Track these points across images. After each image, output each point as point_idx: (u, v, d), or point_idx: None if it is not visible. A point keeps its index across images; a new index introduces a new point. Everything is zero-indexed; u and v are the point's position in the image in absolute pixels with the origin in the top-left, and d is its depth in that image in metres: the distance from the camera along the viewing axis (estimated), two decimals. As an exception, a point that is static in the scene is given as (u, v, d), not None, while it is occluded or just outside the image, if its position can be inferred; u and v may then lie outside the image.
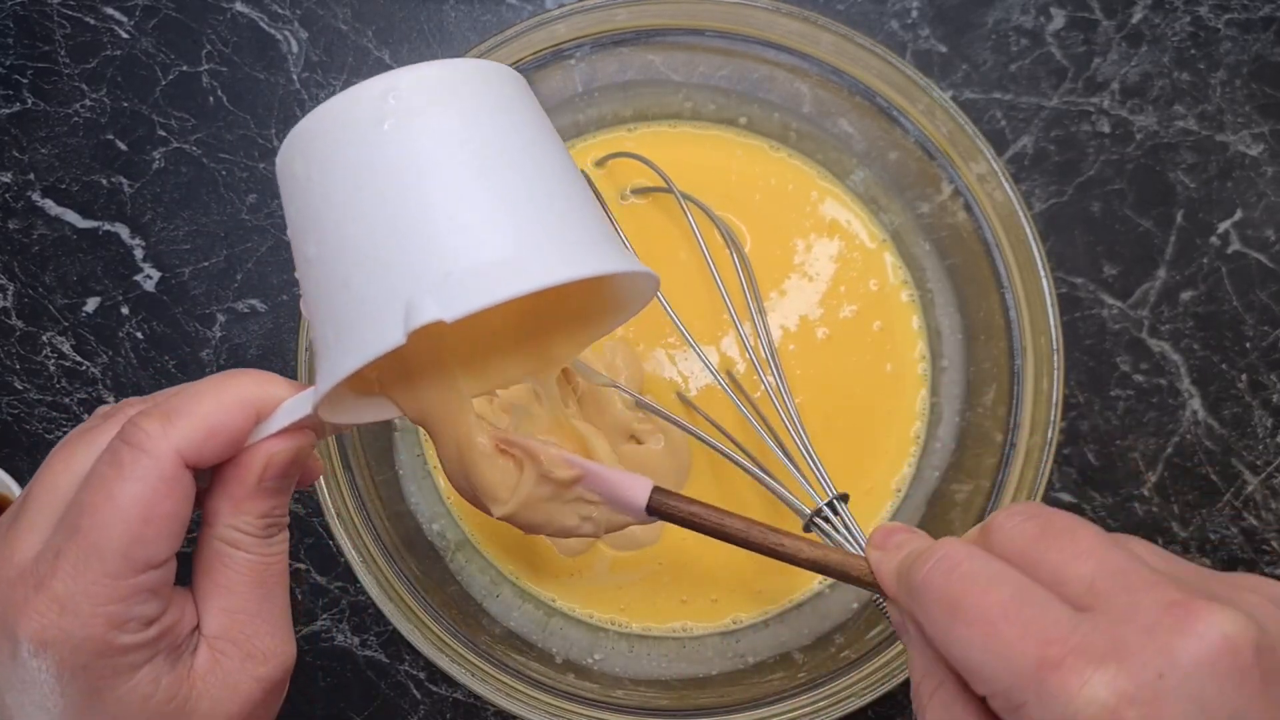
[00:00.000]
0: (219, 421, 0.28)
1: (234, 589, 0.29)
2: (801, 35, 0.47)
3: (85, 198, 0.57)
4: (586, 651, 0.49)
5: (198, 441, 0.27)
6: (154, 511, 0.27)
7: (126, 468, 0.27)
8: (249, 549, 0.29)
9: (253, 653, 0.29)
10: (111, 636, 0.26)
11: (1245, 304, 0.56)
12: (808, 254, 0.52)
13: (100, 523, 0.26)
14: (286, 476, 0.30)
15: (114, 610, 0.26)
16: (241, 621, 0.29)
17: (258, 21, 0.57)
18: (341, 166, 0.26)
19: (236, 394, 0.28)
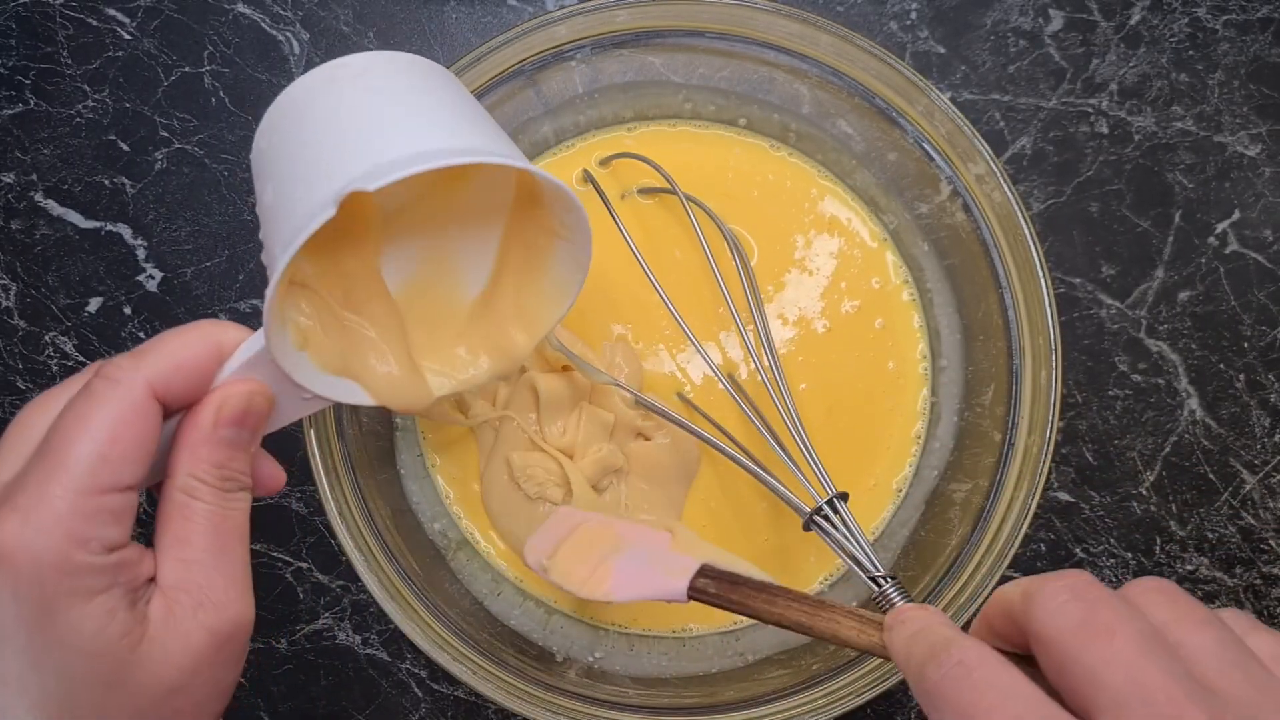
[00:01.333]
0: (184, 356, 0.30)
1: (190, 539, 0.30)
2: (801, 37, 0.47)
3: (88, 198, 0.57)
4: (587, 650, 0.49)
5: (165, 373, 0.29)
6: (122, 432, 0.28)
7: (98, 395, 0.28)
8: (205, 498, 0.30)
9: (204, 602, 0.29)
10: (70, 551, 0.27)
11: (1243, 304, 0.56)
12: (808, 249, 0.52)
13: (69, 439, 0.27)
14: (242, 426, 0.31)
15: (75, 525, 0.27)
16: (195, 571, 0.29)
17: (259, 23, 0.58)
18: (294, 120, 0.32)
19: (199, 333, 0.31)
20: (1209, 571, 0.55)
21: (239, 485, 0.31)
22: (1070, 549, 0.55)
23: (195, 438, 0.30)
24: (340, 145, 0.30)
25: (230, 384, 0.31)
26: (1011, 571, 0.54)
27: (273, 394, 0.32)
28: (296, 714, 0.54)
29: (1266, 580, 0.55)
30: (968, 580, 0.44)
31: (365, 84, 0.32)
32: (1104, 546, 0.55)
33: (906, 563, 0.49)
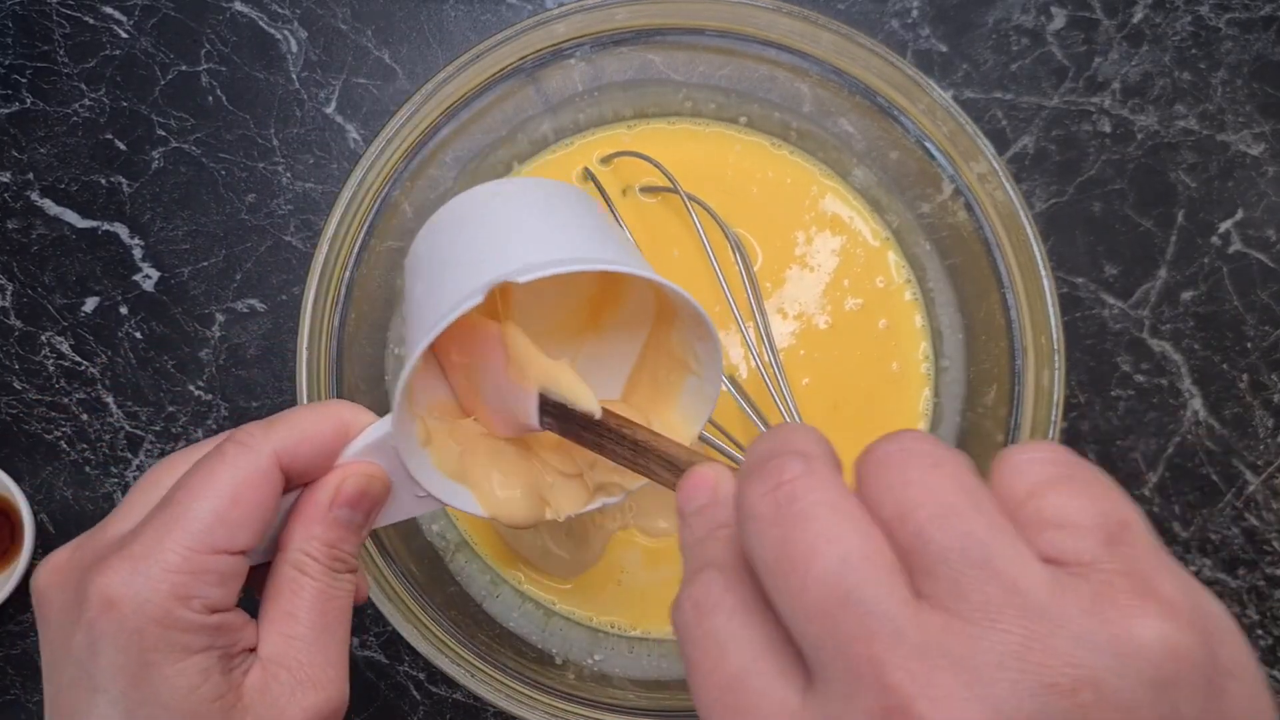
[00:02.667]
0: (312, 430, 0.31)
1: (296, 614, 0.30)
2: (802, 35, 0.47)
3: (84, 197, 0.57)
4: (586, 652, 0.49)
5: (292, 444, 0.30)
6: (243, 495, 0.28)
7: (227, 457, 0.29)
8: (315, 575, 0.30)
9: (304, 680, 0.29)
10: (173, 606, 0.27)
11: (1246, 304, 0.55)
12: (809, 247, 0.52)
13: (192, 496, 0.28)
14: (357, 508, 0.31)
15: (183, 581, 0.27)
16: (297, 648, 0.30)
17: (257, 21, 0.57)
18: (452, 226, 0.34)
19: (328, 410, 0.32)
20: (1212, 573, 0.54)
21: (347, 567, 0.31)
22: (1072, 550, 0.55)
23: (311, 514, 0.31)
24: (494, 247, 0.32)
25: (350, 465, 0.32)
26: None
27: (390, 481, 0.33)
28: (294, 716, 0.54)
29: (1270, 582, 0.54)
30: (970, 582, 0.44)
31: (522, 201, 0.34)
32: (1106, 548, 0.55)
33: (908, 564, 0.49)
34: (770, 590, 0.20)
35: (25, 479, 0.56)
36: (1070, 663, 0.17)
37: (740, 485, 0.21)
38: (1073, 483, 0.20)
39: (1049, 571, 0.19)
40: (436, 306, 0.30)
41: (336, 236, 0.45)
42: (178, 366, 0.56)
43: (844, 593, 0.19)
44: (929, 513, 0.19)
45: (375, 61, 0.57)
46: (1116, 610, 0.18)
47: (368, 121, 0.57)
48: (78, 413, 0.56)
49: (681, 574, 0.24)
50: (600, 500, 0.36)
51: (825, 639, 0.19)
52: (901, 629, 0.18)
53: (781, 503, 0.20)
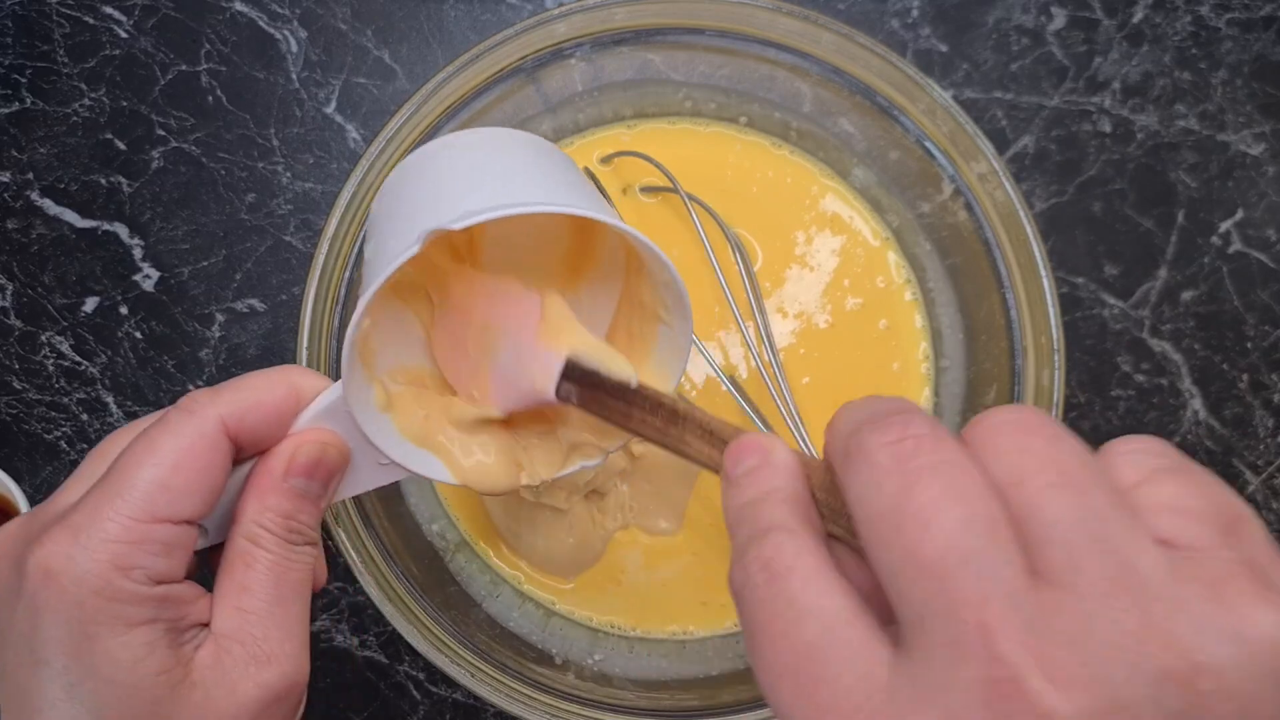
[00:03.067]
0: (263, 396, 0.30)
1: (249, 587, 0.29)
2: (802, 34, 0.46)
3: (84, 197, 0.57)
4: (586, 652, 0.49)
5: (241, 410, 0.29)
6: (186, 462, 0.27)
7: (170, 424, 0.28)
8: (269, 547, 0.29)
9: (258, 655, 0.28)
10: (114, 576, 0.26)
11: (1246, 304, 0.55)
12: (809, 246, 0.52)
13: (133, 464, 0.27)
14: (313, 477, 0.30)
15: (121, 550, 0.26)
16: (252, 622, 0.29)
17: (257, 21, 0.57)
18: (401, 182, 0.33)
19: (280, 376, 0.30)
20: (1212, 573, 0.55)
21: (305, 539, 0.30)
22: (1073, 550, 0.55)
23: (264, 484, 0.30)
24: (435, 198, 0.31)
25: (304, 433, 0.30)
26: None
27: (348, 449, 0.31)
28: (294, 716, 0.54)
29: (1270, 582, 0.54)
30: (970, 582, 0.44)
31: (472, 151, 0.33)
32: (1107, 548, 0.55)
33: (908, 564, 0.49)
34: (874, 542, 0.19)
35: (25, 479, 0.56)
36: (1189, 649, 0.17)
37: (859, 434, 0.20)
38: (1184, 474, 0.20)
39: (1166, 554, 0.18)
40: (378, 265, 0.29)
41: (336, 236, 0.45)
42: (178, 366, 0.56)
43: (963, 554, 0.18)
44: (1047, 480, 0.19)
45: (375, 61, 0.57)
46: (1237, 599, 0.17)
47: (368, 121, 0.57)
48: (78, 412, 0.56)
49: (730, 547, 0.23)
50: (578, 463, 0.34)
51: (934, 601, 0.18)
52: (1018, 599, 0.17)
53: (904, 456, 0.19)
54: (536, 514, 0.49)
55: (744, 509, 0.23)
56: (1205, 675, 0.17)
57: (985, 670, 0.17)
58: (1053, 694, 0.16)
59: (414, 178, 0.33)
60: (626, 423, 0.30)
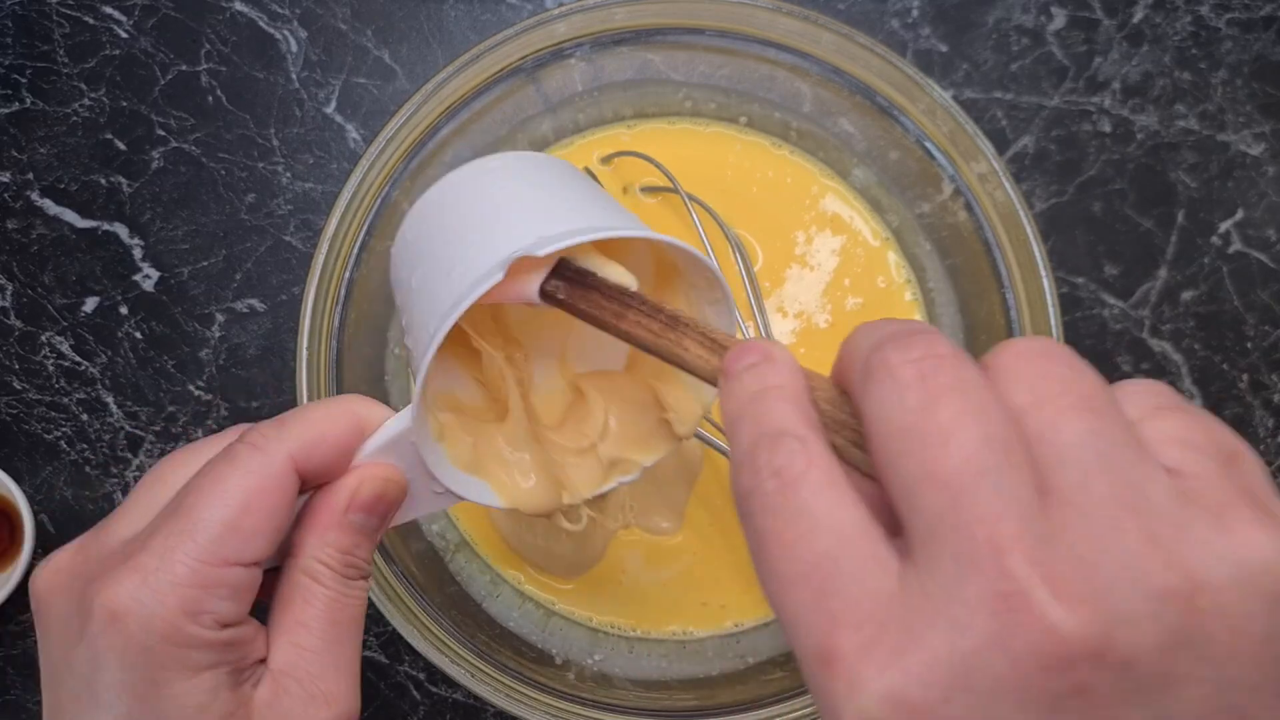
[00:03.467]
0: (327, 429, 0.29)
1: (307, 624, 0.29)
2: (802, 34, 0.47)
3: (84, 197, 0.57)
4: (586, 652, 0.49)
5: (307, 445, 0.28)
6: (256, 503, 0.27)
7: (238, 460, 0.27)
8: (327, 584, 0.29)
9: (315, 694, 0.28)
10: (183, 622, 0.26)
11: (1246, 304, 0.55)
12: (809, 246, 0.52)
13: (202, 503, 0.27)
14: (373, 513, 0.30)
15: (192, 595, 0.26)
16: (309, 659, 0.28)
17: (257, 21, 0.57)
18: (448, 208, 0.32)
19: (343, 407, 0.30)
20: (1212, 573, 0.55)
21: (360, 574, 0.30)
22: (1073, 550, 0.55)
23: (326, 520, 0.29)
24: (501, 222, 0.30)
25: (367, 467, 0.30)
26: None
27: (406, 482, 0.31)
28: (294, 716, 0.54)
29: (1270, 582, 0.54)
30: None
31: (513, 176, 0.33)
32: (1107, 548, 0.55)
33: (908, 564, 0.49)
34: (891, 455, 0.19)
35: (25, 479, 0.56)
36: (1190, 568, 0.18)
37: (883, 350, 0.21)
38: (1188, 412, 0.21)
39: (1172, 480, 0.19)
40: (451, 288, 0.28)
41: (336, 236, 0.45)
42: (178, 366, 0.56)
43: (980, 471, 0.18)
44: (1067, 403, 0.19)
45: (375, 61, 0.57)
46: (1236, 523, 0.18)
47: (368, 121, 0.57)
48: (78, 413, 0.56)
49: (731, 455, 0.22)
50: (616, 479, 0.35)
51: (946, 515, 0.18)
52: (1029, 517, 0.18)
53: (927, 373, 0.20)
54: (549, 525, 0.49)
55: (748, 404, 0.23)
56: (1203, 593, 0.17)
57: (994, 584, 0.17)
58: (1058, 608, 0.17)
59: (463, 203, 0.32)
60: (619, 323, 0.29)
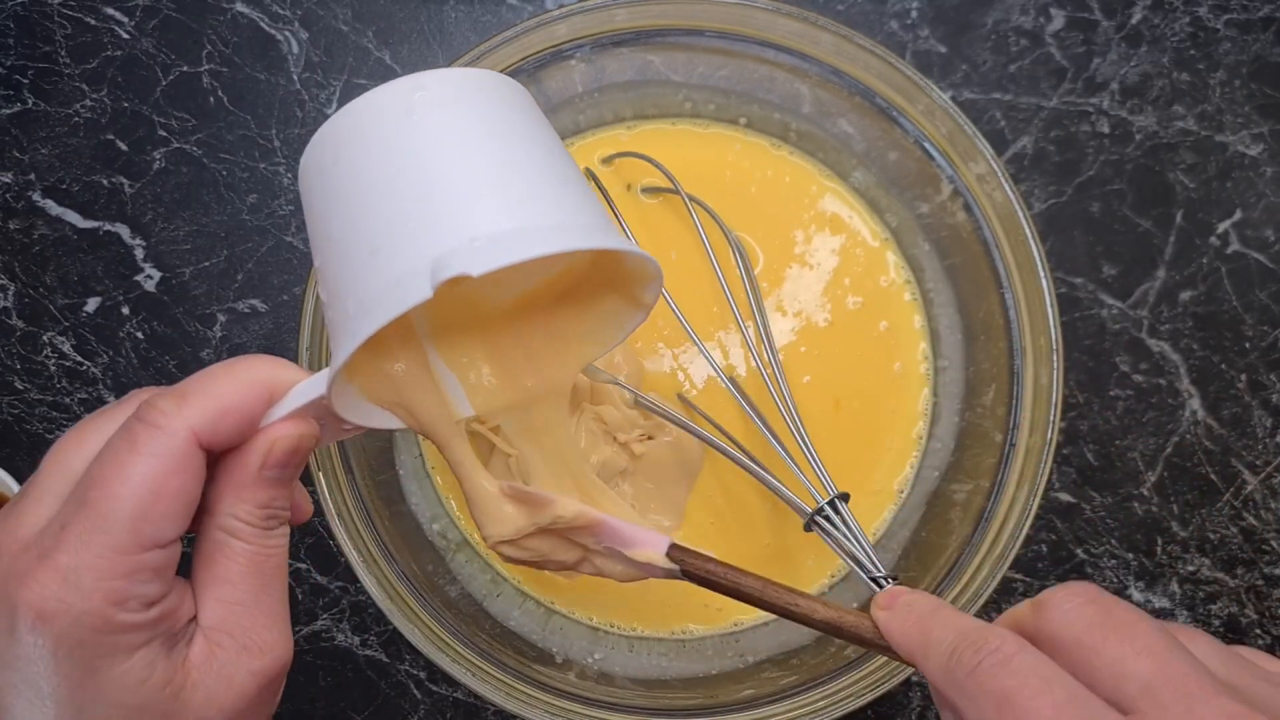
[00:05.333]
0: (233, 401, 0.28)
1: (232, 580, 0.29)
2: (801, 35, 0.47)
3: (86, 198, 0.57)
4: (587, 651, 0.49)
5: (211, 420, 0.28)
6: (164, 487, 0.27)
7: (140, 443, 0.27)
8: (248, 539, 0.29)
9: (248, 645, 0.29)
10: (111, 613, 0.26)
11: (1245, 304, 0.56)
12: (808, 245, 0.52)
13: (109, 495, 0.26)
14: (288, 466, 0.30)
15: (117, 586, 0.26)
16: (238, 613, 0.29)
17: (258, 22, 0.57)
18: (371, 149, 0.29)
19: (250, 374, 0.29)
20: (1210, 572, 0.55)
21: (280, 521, 0.30)
22: (1071, 550, 0.55)
23: (240, 478, 0.29)
24: (430, 202, 0.28)
25: (280, 425, 0.29)
26: (1013, 573, 0.54)
27: (318, 432, 0.31)
28: (295, 715, 0.54)
29: (1268, 581, 0.55)
30: (969, 581, 0.44)
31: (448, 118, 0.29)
32: (1105, 547, 0.55)
33: (907, 564, 0.49)
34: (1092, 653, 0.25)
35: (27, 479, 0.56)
36: None
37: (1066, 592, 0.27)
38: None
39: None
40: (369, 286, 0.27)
41: (337, 237, 0.45)
42: (179, 366, 0.56)
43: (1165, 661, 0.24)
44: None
45: (376, 62, 0.57)
46: None
47: (368, 122, 0.57)
48: (80, 413, 0.56)
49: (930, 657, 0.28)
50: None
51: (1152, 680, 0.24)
52: None
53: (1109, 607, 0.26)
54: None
55: (930, 617, 0.29)
56: None
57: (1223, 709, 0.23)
58: None
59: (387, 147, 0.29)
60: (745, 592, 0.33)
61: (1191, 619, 0.54)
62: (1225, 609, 0.54)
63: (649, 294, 0.33)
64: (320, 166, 0.30)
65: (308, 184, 0.31)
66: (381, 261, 0.27)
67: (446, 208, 0.28)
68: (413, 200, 0.28)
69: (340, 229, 0.29)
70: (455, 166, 0.28)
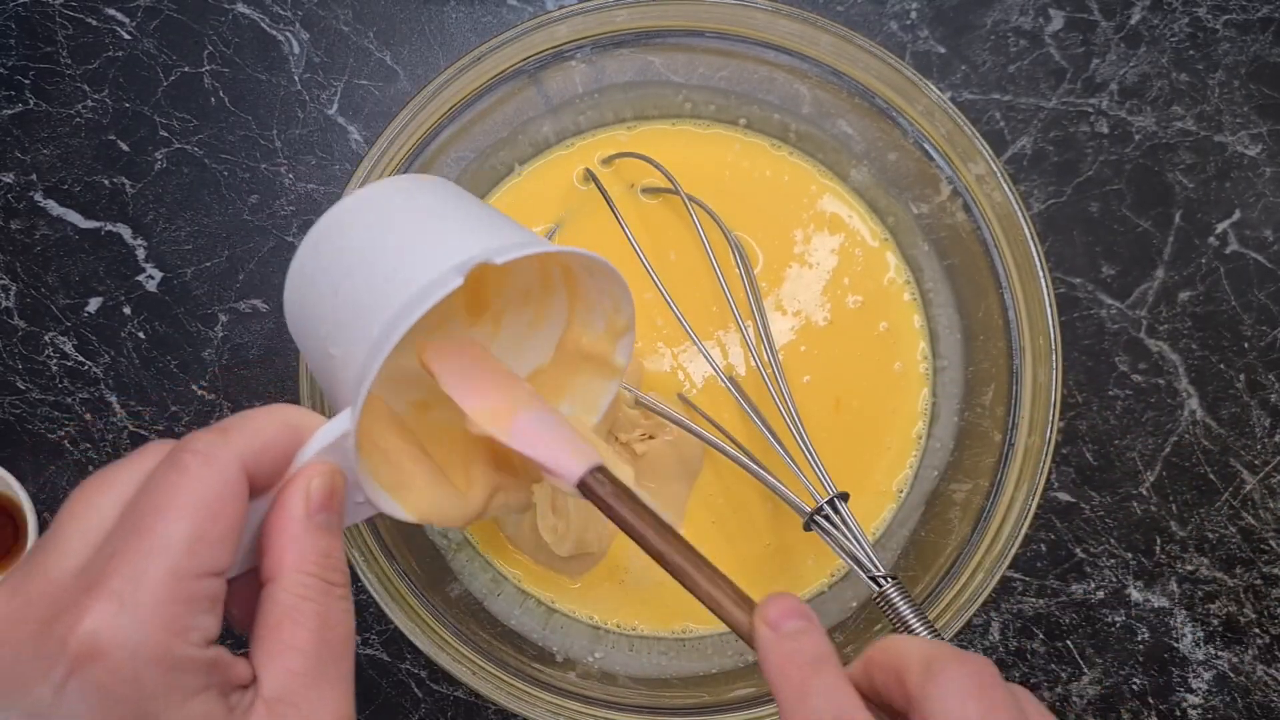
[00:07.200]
0: (272, 437, 0.28)
1: (300, 647, 0.27)
2: (801, 36, 0.47)
3: (87, 198, 0.57)
4: (587, 650, 0.49)
5: (255, 451, 0.27)
6: (221, 510, 0.26)
7: (191, 470, 0.26)
8: (317, 599, 0.28)
9: (312, 718, 0.27)
10: (172, 643, 0.24)
11: (1243, 304, 0.56)
12: (808, 245, 0.52)
13: (165, 518, 0.25)
14: (331, 510, 0.29)
15: (175, 611, 0.24)
16: (305, 684, 0.27)
17: (259, 22, 0.58)
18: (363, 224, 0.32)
19: (279, 415, 0.29)
20: (1209, 571, 0.55)
21: (344, 579, 0.29)
22: (1070, 549, 0.55)
23: (294, 529, 0.28)
24: (443, 235, 0.31)
25: (308, 467, 0.29)
26: (1012, 572, 0.54)
27: (346, 476, 0.30)
28: (296, 714, 0.54)
29: (1267, 580, 0.55)
30: (968, 580, 0.44)
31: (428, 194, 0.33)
32: (1104, 546, 0.55)
33: (906, 563, 0.49)
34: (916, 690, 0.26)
35: (29, 479, 0.56)
36: None
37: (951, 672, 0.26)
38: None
39: None
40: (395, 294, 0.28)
41: (339, 237, 0.45)
42: (180, 366, 0.56)
43: None
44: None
45: (377, 63, 0.58)
46: None
47: (370, 123, 0.57)
48: (81, 412, 0.56)
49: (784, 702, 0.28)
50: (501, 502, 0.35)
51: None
52: None
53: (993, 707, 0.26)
54: (537, 513, 0.49)
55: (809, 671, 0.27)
56: None
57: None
58: None
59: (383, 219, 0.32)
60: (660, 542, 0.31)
61: (1190, 618, 0.55)
62: (1224, 608, 0.55)
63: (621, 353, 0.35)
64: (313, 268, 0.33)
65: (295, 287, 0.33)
66: (403, 279, 0.29)
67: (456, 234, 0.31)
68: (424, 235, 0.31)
69: (352, 288, 0.31)
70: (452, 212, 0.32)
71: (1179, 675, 0.54)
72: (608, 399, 0.35)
